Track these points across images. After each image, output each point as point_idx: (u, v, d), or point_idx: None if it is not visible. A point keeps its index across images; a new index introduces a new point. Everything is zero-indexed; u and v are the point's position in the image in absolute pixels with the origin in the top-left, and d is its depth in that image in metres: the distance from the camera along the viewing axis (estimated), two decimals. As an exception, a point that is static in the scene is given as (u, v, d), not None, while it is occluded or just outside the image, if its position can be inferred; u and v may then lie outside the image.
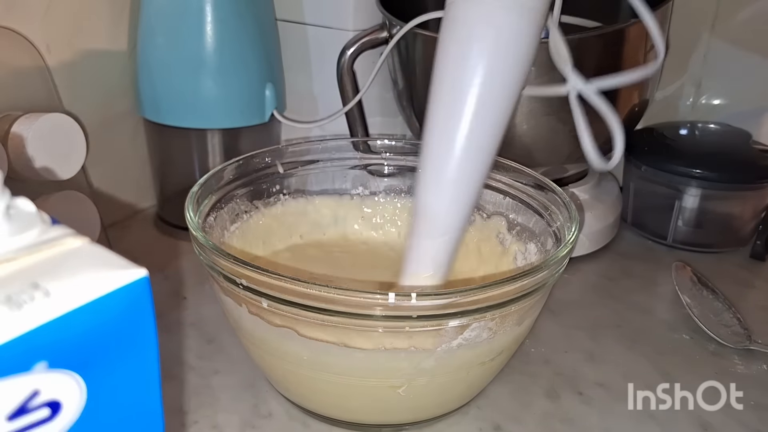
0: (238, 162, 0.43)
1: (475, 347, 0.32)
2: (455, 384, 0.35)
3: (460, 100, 0.36)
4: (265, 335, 0.34)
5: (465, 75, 0.36)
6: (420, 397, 0.35)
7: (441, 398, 0.36)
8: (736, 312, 0.47)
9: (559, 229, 0.39)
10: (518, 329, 0.35)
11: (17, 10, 0.46)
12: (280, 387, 0.39)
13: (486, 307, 0.30)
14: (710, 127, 0.60)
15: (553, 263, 0.33)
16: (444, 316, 0.30)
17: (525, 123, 0.48)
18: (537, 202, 0.43)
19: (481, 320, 0.31)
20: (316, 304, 0.30)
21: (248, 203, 0.45)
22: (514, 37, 0.36)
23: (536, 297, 0.33)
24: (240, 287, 0.32)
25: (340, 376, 0.34)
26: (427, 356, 0.32)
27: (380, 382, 0.33)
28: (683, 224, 0.57)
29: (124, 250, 0.59)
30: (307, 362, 0.33)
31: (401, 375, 0.33)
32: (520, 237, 0.44)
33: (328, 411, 0.37)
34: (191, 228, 0.35)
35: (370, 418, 0.37)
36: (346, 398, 0.36)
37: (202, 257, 0.34)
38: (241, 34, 0.52)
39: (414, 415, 0.37)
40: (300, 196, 0.48)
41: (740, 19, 0.59)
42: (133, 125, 0.58)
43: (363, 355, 0.32)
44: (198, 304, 0.48)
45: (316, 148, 0.48)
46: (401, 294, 0.29)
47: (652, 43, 0.48)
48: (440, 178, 0.37)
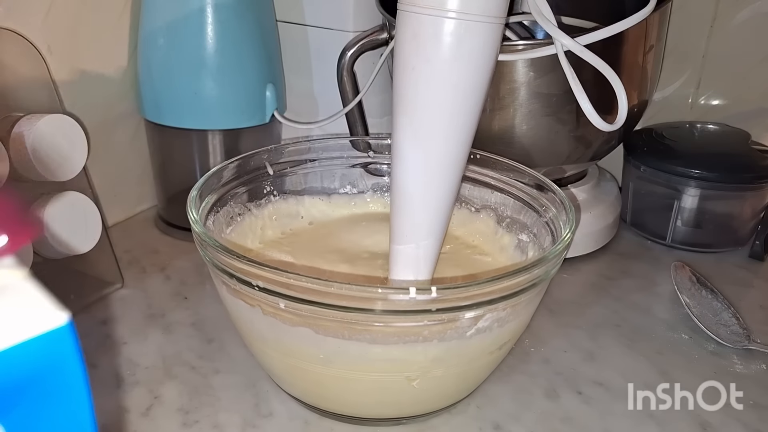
0: (232, 163, 0.44)
1: (486, 337, 0.34)
2: (464, 375, 0.36)
3: (422, 115, 0.36)
4: (281, 336, 0.34)
5: (420, 92, 0.35)
6: (431, 388, 0.35)
7: (450, 389, 0.37)
8: (735, 312, 0.47)
9: (553, 219, 0.40)
10: (522, 319, 0.36)
11: (18, 12, 0.46)
12: (286, 384, 0.39)
13: (500, 297, 0.32)
14: (709, 127, 0.60)
15: (560, 248, 0.34)
16: (462, 308, 0.31)
17: (525, 124, 0.49)
18: (528, 196, 0.44)
19: (494, 311, 0.32)
20: (336, 302, 0.31)
21: (242, 205, 0.46)
22: (469, 47, 0.34)
23: (540, 287, 0.35)
24: (256, 288, 0.32)
25: (357, 371, 0.34)
26: (443, 348, 0.33)
27: (396, 375, 0.34)
28: (682, 224, 0.57)
29: (126, 250, 0.59)
30: (323, 360, 0.34)
31: (417, 367, 0.34)
32: (510, 229, 0.45)
33: (335, 407, 0.37)
34: (198, 230, 0.35)
35: (381, 411, 0.37)
36: (357, 393, 0.36)
37: (212, 260, 0.34)
38: (241, 36, 0.52)
39: (424, 407, 0.37)
40: (290, 196, 0.49)
41: (739, 20, 0.59)
42: (134, 126, 0.58)
43: (381, 350, 0.33)
44: (199, 304, 0.48)
45: (308, 147, 0.49)
46: (422, 288, 0.30)
47: (651, 43, 0.49)
48: (412, 193, 0.38)
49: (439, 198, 0.38)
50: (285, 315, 0.33)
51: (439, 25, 0.33)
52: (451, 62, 0.34)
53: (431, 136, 0.36)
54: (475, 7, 0.33)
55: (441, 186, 0.38)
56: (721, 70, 0.61)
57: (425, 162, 0.37)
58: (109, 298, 0.48)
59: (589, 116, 0.41)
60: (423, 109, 0.35)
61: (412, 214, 0.38)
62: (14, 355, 0.15)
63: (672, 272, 0.49)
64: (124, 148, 0.58)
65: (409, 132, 0.36)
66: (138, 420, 0.37)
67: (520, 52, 0.45)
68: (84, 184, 0.46)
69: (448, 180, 0.37)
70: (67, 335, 0.15)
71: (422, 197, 0.38)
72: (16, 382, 0.15)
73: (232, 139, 0.55)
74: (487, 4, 0.33)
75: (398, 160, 0.37)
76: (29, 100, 0.44)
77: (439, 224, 0.39)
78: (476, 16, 0.33)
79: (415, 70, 0.35)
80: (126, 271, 0.51)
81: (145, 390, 0.39)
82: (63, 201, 0.43)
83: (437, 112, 0.35)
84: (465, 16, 0.33)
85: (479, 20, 0.33)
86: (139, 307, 0.47)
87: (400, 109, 0.36)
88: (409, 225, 0.38)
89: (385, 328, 0.32)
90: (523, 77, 0.47)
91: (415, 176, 0.37)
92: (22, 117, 0.42)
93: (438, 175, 0.37)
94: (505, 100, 0.48)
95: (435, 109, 0.35)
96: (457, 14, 0.33)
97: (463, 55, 0.34)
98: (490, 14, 0.33)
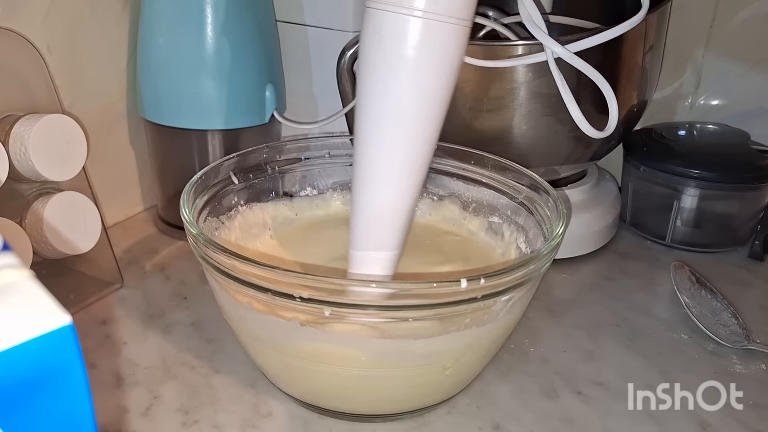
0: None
1: (511, 318, 0.36)
2: (481, 361, 0.38)
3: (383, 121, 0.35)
4: (321, 346, 0.34)
5: (382, 99, 0.34)
6: (457, 374, 0.37)
7: (473, 371, 0.39)
8: (734, 311, 0.47)
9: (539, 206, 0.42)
10: (525, 304, 0.38)
11: (18, 12, 0.46)
12: (289, 385, 0.39)
13: (524, 282, 0.33)
14: (709, 127, 0.60)
15: (561, 231, 0.36)
16: (499, 293, 0.33)
17: (524, 124, 0.49)
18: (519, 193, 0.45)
19: (521, 291, 0.34)
20: (386, 303, 0.31)
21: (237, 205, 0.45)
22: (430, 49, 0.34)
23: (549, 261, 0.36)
24: (299, 300, 0.31)
25: (398, 369, 0.35)
26: (478, 332, 0.34)
27: (435, 367, 0.35)
28: (682, 224, 0.57)
29: (126, 250, 0.59)
30: (365, 363, 0.34)
31: (454, 355, 0.35)
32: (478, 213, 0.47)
33: (352, 406, 0.37)
34: (216, 249, 0.33)
35: (408, 405, 0.38)
36: (387, 390, 0.36)
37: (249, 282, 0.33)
38: (241, 36, 0.52)
39: (450, 392, 0.39)
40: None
41: (738, 20, 0.59)
42: (133, 126, 0.58)
43: (423, 344, 0.33)
44: (198, 304, 0.48)
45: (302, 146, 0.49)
46: (472, 278, 0.31)
47: (650, 43, 0.49)
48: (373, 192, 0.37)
49: (387, 197, 0.37)
50: (327, 325, 0.33)
51: (399, 23, 0.33)
52: (409, 61, 0.33)
53: (387, 133, 0.35)
54: (436, 6, 0.32)
55: (393, 183, 0.36)
56: (720, 70, 0.61)
57: (389, 162, 0.36)
58: (108, 298, 0.48)
59: (579, 123, 0.41)
60: (378, 106, 0.35)
61: (368, 215, 0.37)
62: (15, 356, 0.14)
63: (671, 272, 0.50)
64: (124, 148, 0.58)
65: (367, 128, 0.35)
66: (138, 420, 0.37)
67: (511, 59, 0.45)
68: (84, 184, 0.46)
69: (406, 179, 0.36)
70: (68, 336, 0.15)
71: (375, 194, 0.37)
72: (17, 383, 0.15)
73: (231, 139, 0.55)
74: (450, 5, 0.33)
75: (358, 159, 0.36)
76: (29, 100, 0.44)
77: (398, 221, 0.38)
78: (438, 15, 0.32)
79: (375, 67, 0.34)
80: (126, 271, 0.51)
81: (144, 390, 0.39)
82: (63, 201, 0.43)
83: (394, 111, 0.34)
84: (426, 15, 0.32)
85: (441, 20, 0.33)
86: (138, 307, 0.47)
87: (360, 105, 0.35)
88: (369, 228, 0.38)
89: (432, 320, 0.33)
90: (523, 77, 0.47)
91: (371, 173, 0.36)
92: (22, 117, 0.42)
93: (395, 175, 0.36)
94: (504, 100, 0.48)
95: (392, 108, 0.34)
96: (420, 13, 0.32)
97: (422, 54, 0.33)
98: (452, 15, 0.33)
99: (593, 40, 0.42)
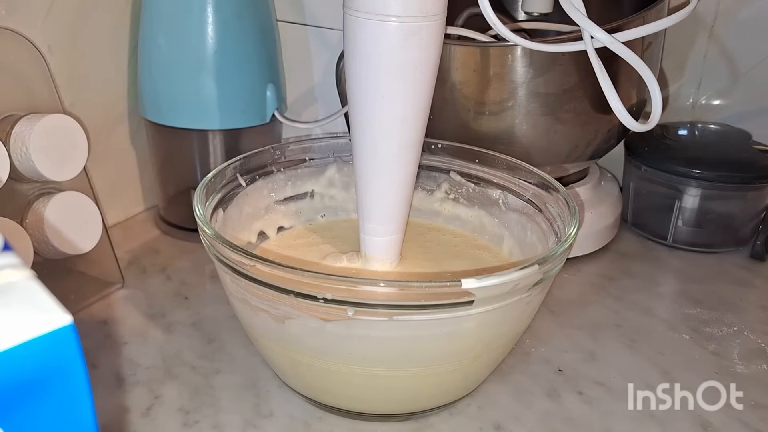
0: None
1: (537, 303, 0.37)
2: (509, 346, 0.39)
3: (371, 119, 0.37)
4: (351, 348, 0.34)
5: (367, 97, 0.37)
6: (489, 363, 0.38)
7: (498, 359, 0.39)
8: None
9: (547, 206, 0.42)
10: (536, 307, 0.38)
11: (19, 12, 0.46)
12: (303, 385, 0.38)
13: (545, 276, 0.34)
14: (710, 127, 0.60)
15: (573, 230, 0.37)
16: (541, 281, 0.34)
17: (524, 123, 0.49)
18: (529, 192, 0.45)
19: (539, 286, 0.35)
20: (415, 302, 0.31)
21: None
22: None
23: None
24: (322, 301, 0.31)
25: (434, 366, 0.35)
26: (507, 323, 0.35)
27: (466, 356, 0.35)
28: (683, 224, 0.57)
29: (126, 250, 0.59)
30: (386, 363, 0.35)
31: (483, 344, 0.35)
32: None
33: (359, 406, 0.37)
34: (240, 255, 0.34)
35: (429, 402, 0.38)
36: (406, 387, 0.36)
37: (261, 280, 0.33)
38: (241, 35, 0.52)
39: (474, 382, 0.39)
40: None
41: (740, 19, 0.59)
42: (134, 126, 0.58)
43: (464, 336, 0.34)
44: (199, 304, 0.48)
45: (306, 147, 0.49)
46: (525, 266, 0.32)
47: (648, 40, 0.49)
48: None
49: (384, 188, 0.39)
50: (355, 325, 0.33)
51: (374, 29, 0.35)
52: (379, 63, 0.36)
53: (370, 132, 0.38)
54: (403, 9, 0.34)
55: (387, 176, 0.39)
56: (722, 69, 0.61)
57: (373, 153, 0.38)
58: (109, 298, 0.48)
59: (620, 116, 0.40)
60: (360, 104, 0.37)
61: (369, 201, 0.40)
62: (16, 356, 0.14)
63: None
64: (125, 148, 0.58)
65: (357, 127, 0.38)
66: (138, 420, 0.37)
67: (547, 45, 0.45)
68: (84, 183, 0.46)
69: (395, 171, 0.39)
70: (69, 336, 0.15)
71: (371, 185, 0.39)
72: (18, 383, 0.15)
73: (232, 139, 0.55)
74: (423, 5, 0.34)
75: (355, 152, 0.39)
76: (29, 100, 0.44)
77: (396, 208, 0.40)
78: (413, 18, 0.34)
79: (349, 69, 0.37)
80: (126, 271, 0.51)
81: (145, 390, 0.39)
82: (63, 201, 0.43)
83: (370, 109, 0.37)
84: (399, 19, 0.34)
85: (415, 22, 0.34)
86: (139, 307, 0.47)
87: (350, 104, 0.38)
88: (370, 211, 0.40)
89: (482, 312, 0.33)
90: (522, 77, 0.47)
91: (365, 164, 0.39)
92: (22, 117, 0.42)
93: (384, 164, 0.38)
94: (504, 100, 0.48)
95: (368, 107, 0.37)
96: (395, 18, 0.34)
97: (396, 58, 0.35)
98: (428, 13, 0.34)
99: (641, 31, 0.42)
